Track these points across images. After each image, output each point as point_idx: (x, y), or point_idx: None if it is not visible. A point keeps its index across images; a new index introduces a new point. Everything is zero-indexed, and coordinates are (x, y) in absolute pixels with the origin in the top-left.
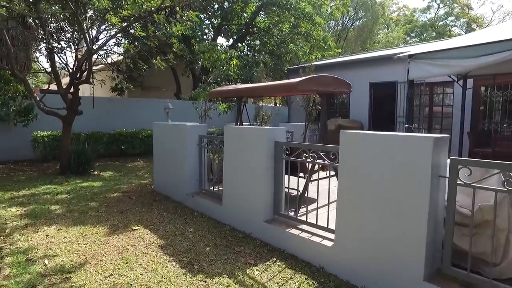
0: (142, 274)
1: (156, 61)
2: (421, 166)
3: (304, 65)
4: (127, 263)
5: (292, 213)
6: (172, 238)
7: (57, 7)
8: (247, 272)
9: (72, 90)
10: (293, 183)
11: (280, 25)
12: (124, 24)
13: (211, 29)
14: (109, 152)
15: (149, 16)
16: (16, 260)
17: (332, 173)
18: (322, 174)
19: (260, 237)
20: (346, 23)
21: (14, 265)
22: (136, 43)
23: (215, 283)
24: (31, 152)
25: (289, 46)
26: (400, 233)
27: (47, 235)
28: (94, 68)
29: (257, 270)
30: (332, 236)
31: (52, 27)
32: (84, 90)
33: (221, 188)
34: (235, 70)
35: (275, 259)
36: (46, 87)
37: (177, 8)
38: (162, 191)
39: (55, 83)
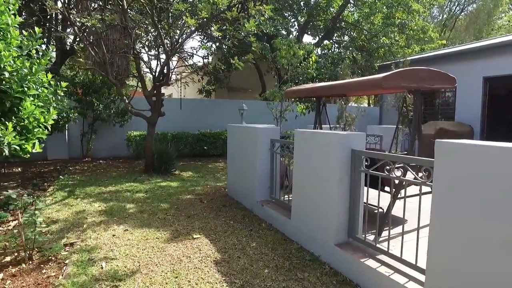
0: None
1: (233, 61)
2: None
3: (397, 61)
4: (176, 277)
5: (370, 237)
6: (231, 253)
7: (139, 15)
8: None
9: (155, 92)
10: (374, 195)
11: (371, 17)
12: (202, 26)
13: (297, 27)
14: (193, 152)
15: (220, 14)
16: (81, 259)
17: (426, 188)
18: (413, 188)
19: (330, 263)
20: (454, 10)
21: (77, 263)
22: (217, 44)
23: None
24: (126, 150)
25: (381, 39)
26: None
27: (113, 235)
28: (180, 71)
29: None
30: (421, 277)
31: (138, 33)
32: (174, 92)
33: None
34: (314, 67)
35: None
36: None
37: (250, 4)
38: (234, 196)
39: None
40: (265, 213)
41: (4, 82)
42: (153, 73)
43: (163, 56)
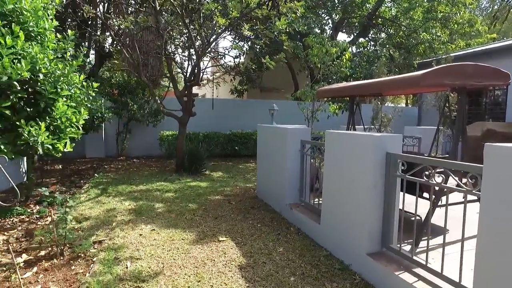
0: None
1: (264, 60)
2: None
3: (439, 57)
4: (199, 281)
5: (406, 247)
6: (256, 257)
7: (170, 16)
8: None
9: (186, 92)
10: (411, 200)
11: (410, 12)
12: (232, 25)
13: (331, 25)
14: (225, 152)
15: (250, 12)
16: (107, 257)
17: (472, 196)
18: (456, 195)
19: (361, 273)
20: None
21: (104, 262)
22: (249, 44)
23: None
24: (158, 150)
25: (421, 35)
26: None
27: (140, 234)
28: (212, 71)
29: None
30: None
31: (169, 34)
32: (208, 93)
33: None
34: (347, 65)
35: None
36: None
37: (281, 1)
38: (263, 197)
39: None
40: (294, 216)
41: (39, 83)
42: (184, 74)
43: (194, 57)
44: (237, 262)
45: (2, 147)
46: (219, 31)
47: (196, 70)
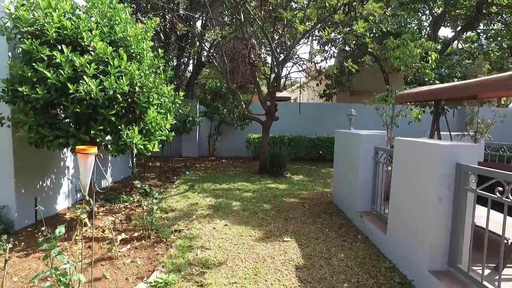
0: None
1: (347, 64)
2: None
3: None
4: (255, 275)
5: (478, 269)
6: (315, 260)
7: (251, 27)
8: None
9: (269, 98)
10: (496, 219)
11: None
12: (310, 32)
13: (431, 20)
14: (309, 156)
15: (327, 17)
16: (183, 244)
17: None
18: None
19: None
20: None
21: (179, 248)
22: (336, 48)
23: None
24: (246, 152)
25: None
26: None
27: (214, 228)
28: (297, 76)
29: None
30: None
31: (253, 43)
32: (297, 97)
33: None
34: (433, 66)
35: None
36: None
37: (357, 4)
38: (337, 203)
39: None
40: (364, 225)
41: (135, 94)
42: (267, 79)
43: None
44: (295, 262)
45: (109, 146)
46: (299, 36)
47: (276, 77)
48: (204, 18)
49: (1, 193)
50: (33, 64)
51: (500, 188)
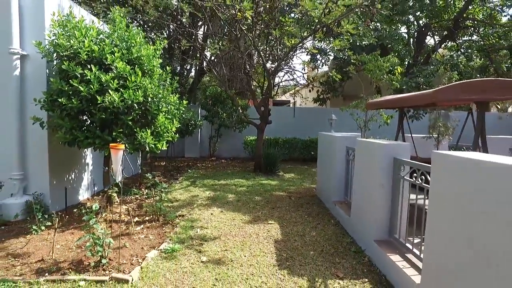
0: (245, 256)
1: (331, 74)
2: None
3: None
4: (243, 245)
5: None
6: (291, 236)
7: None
8: (327, 283)
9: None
10: None
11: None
12: (295, 47)
13: (414, 30)
14: (303, 156)
15: (310, 35)
16: (186, 225)
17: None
18: None
19: (370, 256)
20: None
21: (182, 227)
22: (327, 57)
23: (288, 280)
24: (243, 152)
25: None
26: None
27: (211, 214)
28: (289, 84)
29: (339, 284)
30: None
31: (248, 55)
32: (297, 100)
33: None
34: (398, 78)
35: (366, 280)
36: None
37: (333, 27)
38: (320, 196)
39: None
40: (337, 212)
41: (148, 104)
42: (261, 88)
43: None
44: (275, 238)
45: (127, 145)
46: (287, 50)
47: (268, 86)
48: (204, 32)
49: (39, 183)
50: (70, 80)
51: (415, 174)
